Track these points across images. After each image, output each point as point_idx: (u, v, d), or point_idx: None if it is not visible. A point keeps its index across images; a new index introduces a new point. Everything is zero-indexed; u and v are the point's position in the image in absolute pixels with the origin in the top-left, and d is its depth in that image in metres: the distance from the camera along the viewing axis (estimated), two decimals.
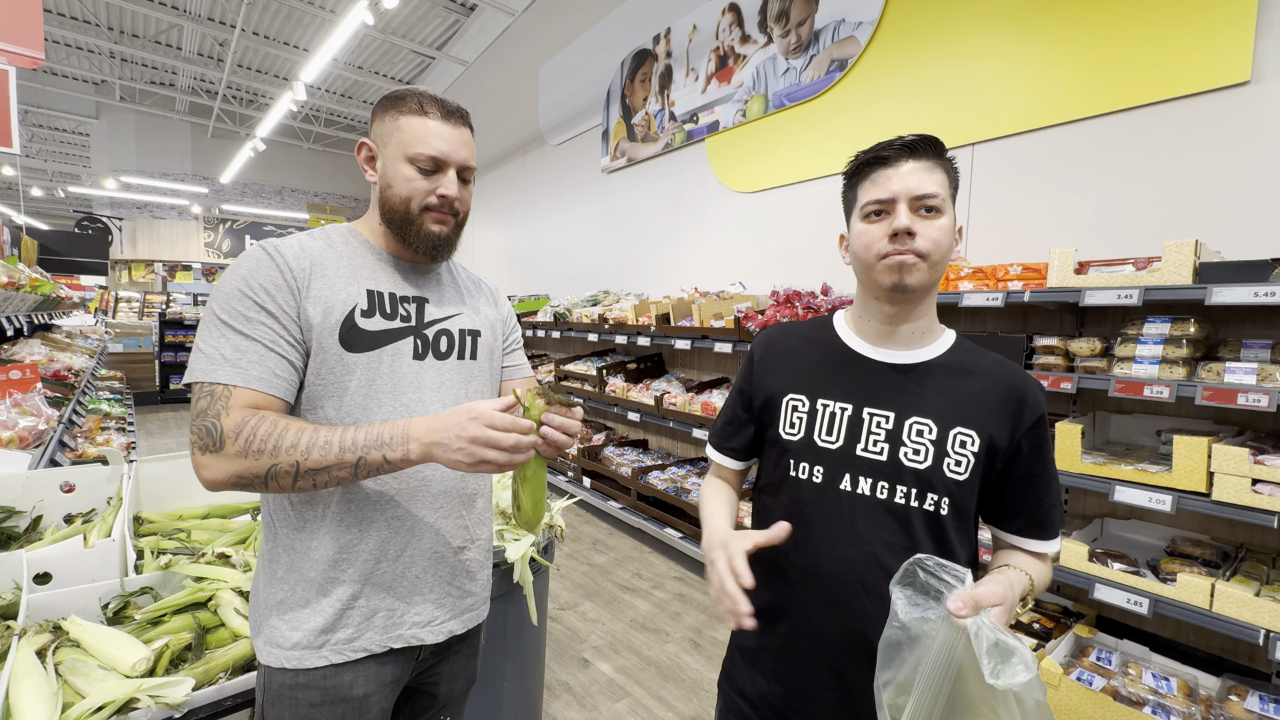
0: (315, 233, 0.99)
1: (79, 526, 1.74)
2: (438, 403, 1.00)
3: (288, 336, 0.88)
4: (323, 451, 0.80)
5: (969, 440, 0.85)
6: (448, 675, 1.10)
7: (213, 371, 0.83)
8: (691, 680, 2.40)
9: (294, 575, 0.93)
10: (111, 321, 9.30)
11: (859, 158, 0.91)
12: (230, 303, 0.86)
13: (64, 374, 3.79)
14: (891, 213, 0.85)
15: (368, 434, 0.82)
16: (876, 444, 0.87)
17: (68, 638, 1.17)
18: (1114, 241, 2.26)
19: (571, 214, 5.73)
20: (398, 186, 0.94)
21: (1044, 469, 0.89)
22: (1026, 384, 0.89)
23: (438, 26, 7.17)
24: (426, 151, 0.92)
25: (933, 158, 0.86)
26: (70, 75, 8.54)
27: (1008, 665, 0.63)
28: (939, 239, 0.85)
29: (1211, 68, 2.04)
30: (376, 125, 0.97)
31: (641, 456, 4.29)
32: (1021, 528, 0.90)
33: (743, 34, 3.82)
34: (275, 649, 0.92)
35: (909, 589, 0.72)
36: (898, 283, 0.85)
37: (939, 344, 0.92)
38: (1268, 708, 1.62)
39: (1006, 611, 0.72)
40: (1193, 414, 2.04)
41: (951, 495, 0.85)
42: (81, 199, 12.36)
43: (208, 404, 0.83)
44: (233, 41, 6.81)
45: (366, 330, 0.94)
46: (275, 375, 0.86)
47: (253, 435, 0.80)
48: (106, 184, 9.89)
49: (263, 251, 0.90)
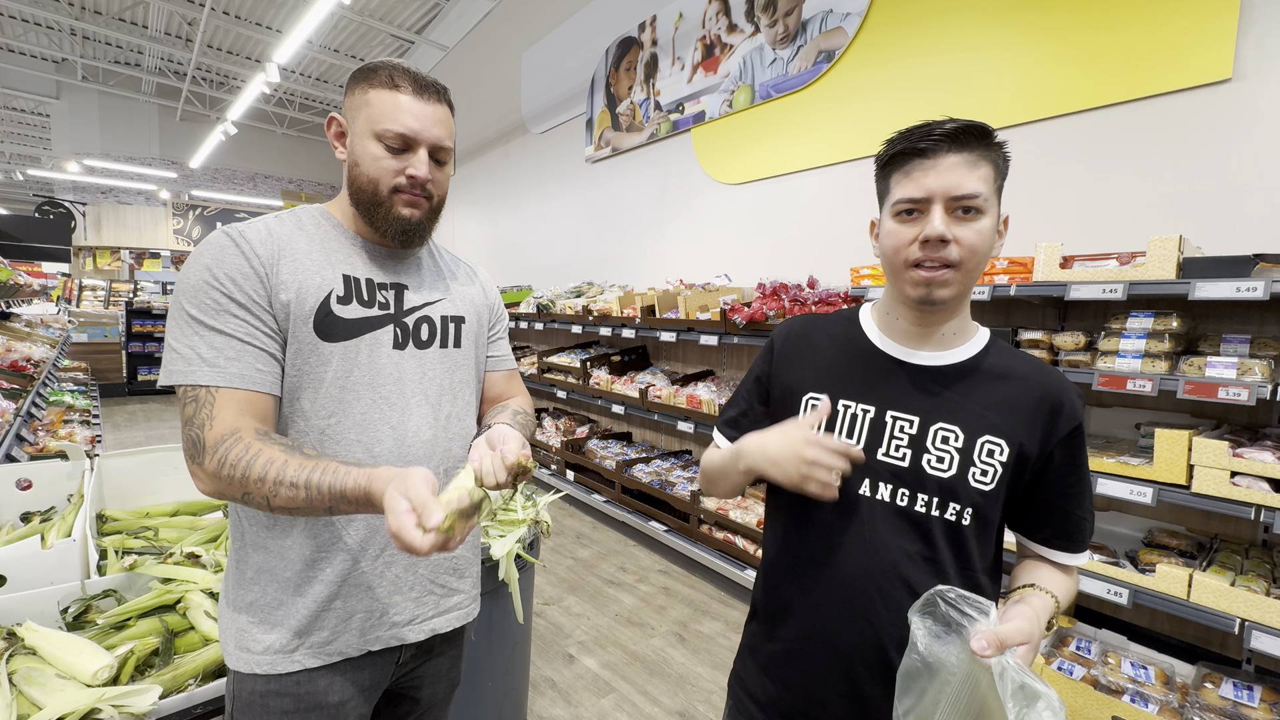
0: (284, 215, 0.93)
1: (36, 526, 1.65)
2: (419, 395, 0.95)
3: (263, 328, 0.83)
4: (291, 491, 0.75)
5: (997, 449, 0.80)
6: (430, 678, 1.06)
7: (190, 373, 0.79)
8: (677, 674, 2.39)
9: (265, 576, 0.88)
10: (75, 310, 8.97)
11: (894, 143, 0.81)
12: (198, 295, 0.81)
13: (22, 364, 3.63)
14: (925, 214, 0.77)
15: (331, 484, 0.74)
16: (899, 449, 0.83)
17: (23, 645, 1.10)
18: (1097, 237, 2.28)
19: (555, 204, 5.65)
20: (365, 165, 0.88)
21: (1078, 480, 0.84)
22: (1063, 390, 0.83)
23: (417, 9, 6.99)
24: (394, 128, 0.86)
25: (978, 149, 0.77)
26: (28, 53, 8.14)
27: (1033, 710, 0.61)
28: (976, 245, 0.77)
29: (1194, 65, 2.06)
30: (347, 99, 0.92)
31: (626, 450, 4.26)
32: (1049, 538, 0.86)
33: (730, 23, 3.77)
34: (245, 654, 0.87)
35: (929, 619, 0.69)
36: (924, 297, 0.79)
37: (970, 345, 0.86)
38: (1241, 694, 1.66)
39: (1033, 649, 0.68)
40: (1171, 407, 2.07)
41: (975, 506, 0.81)
42: (42, 182, 11.87)
43: (194, 411, 0.79)
44: (202, 20, 6.55)
45: (343, 318, 0.88)
46: (257, 370, 0.82)
47: (224, 458, 0.77)
48: (69, 167, 9.50)
49: (226, 238, 0.85)
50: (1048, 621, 0.76)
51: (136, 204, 12.50)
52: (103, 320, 8.45)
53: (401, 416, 0.93)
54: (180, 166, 10.06)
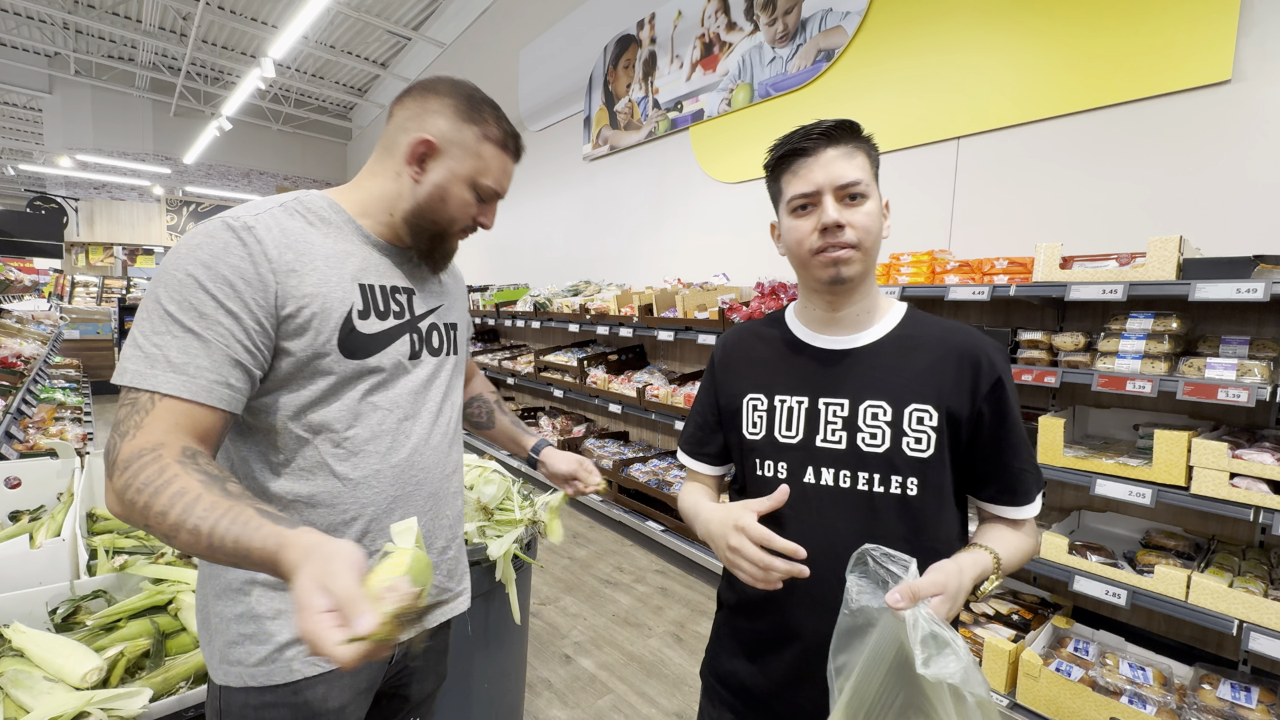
0: (289, 205, 0.84)
1: (25, 525, 1.63)
2: (429, 402, 0.95)
3: (249, 341, 0.74)
4: (191, 537, 0.63)
5: (926, 415, 0.84)
6: (419, 674, 1.05)
7: (151, 376, 0.69)
8: (675, 675, 2.38)
9: (258, 585, 0.84)
10: (67, 307, 8.89)
11: (779, 147, 0.89)
12: (183, 292, 0.72)
13: (12, 361, 3.59)
14: (818, 205, 0.84)
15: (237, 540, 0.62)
16: (835, 433, 0.87)
17: (10, 647, 1.08)
18: (1095, 237, 2.28)
19: (552, 202, 5.63)
20: (452, 206, 0.90)
21: (1009, 432, 0.86)
22: (980, 347, 0.86)
23: (414, 6, 6.94)
24: (495, 188, 0.92)
25: (852, 142, 0.85)
26: (20, 46, 8.06)
27: (940, 656, 0.64)
28: (868, 225, 0.84)
29: (1194, 66, 2.06)
30: (449, 128, 0.86)
31: (623, 449, 4.25)
32: (995, 495, 0.89)
33: (729, 21, 3.76)
34: (237, 667, 0.84)
35: (862, 578, 0.73)
36: (835, 277, 0.85)
37: (886, 321, 0.91)
38: (1239, 695, 1.66)
39: (949, 600, 0.71)
40: (1169, 408, 2.07)
41: (919, 474, 0.83)
42: (34, 177, 11.74)
43: (125, 415, 0.69)
44: (196, 15, 6.49)
45: (364, 333, 0.85)
46: (228, 387, 0.73)
47: (133, 479, 0.65)
48: (61, 162, 9.40)
49: (230, 233, 0.76)
50: (979, 578, 0.79)
51: (130, 200, 12.40)
52: (95, 317, 8.38)
53: (414, 425, 0.92)
54: (174, 162, 9.97)
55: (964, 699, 0.64)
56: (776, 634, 0.90)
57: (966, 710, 0.64)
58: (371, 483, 0.87)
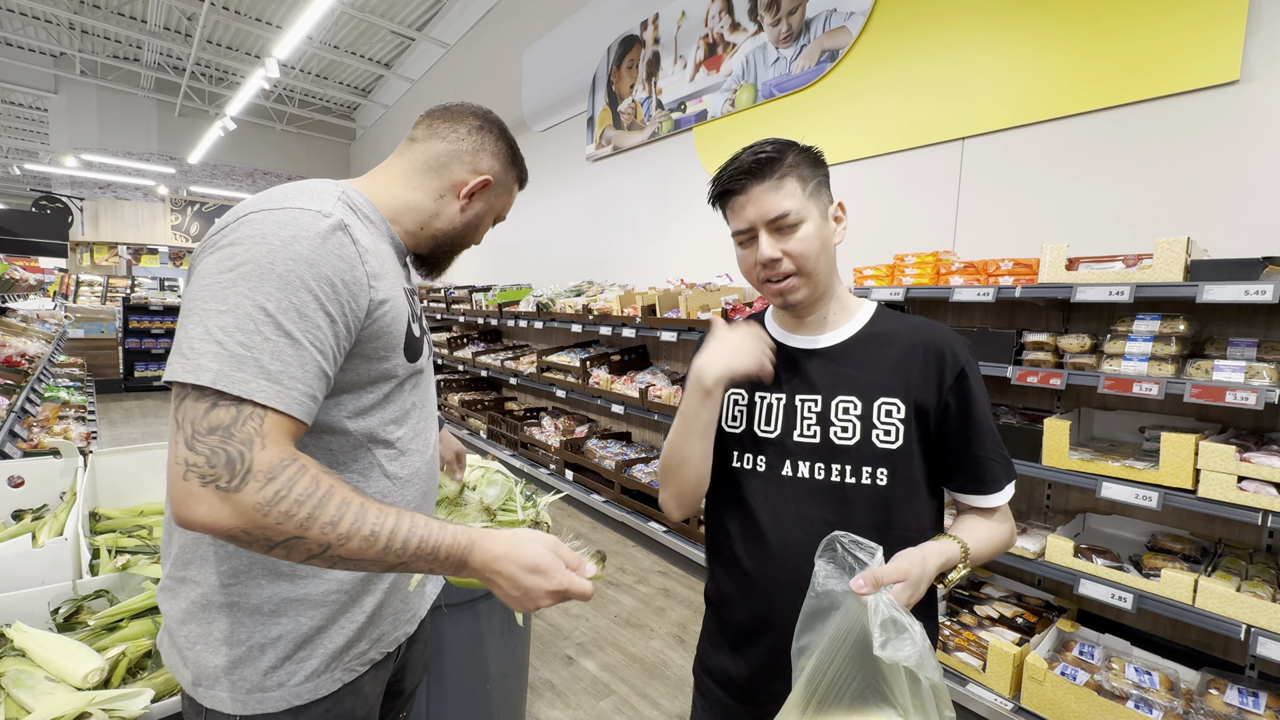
0: (333, 201, 0.75)
1: (28, 524, 1.63)
2: (432, 402, 1.00)
3: (337, 347, 0.70)
4: (364, 544, 0.63)
5: (894, 408, 0.87)
6: (411, 668, 1.06)
7: (241, 381, 0.61)
8: (677, 677, 2.37)
9: (295, 605, 0.78)
10: (72, 306, 8.93)
11: (713, 187, 0.93)
12: (284, 291, 0.64)
13: (17, 360, 3.60)
14: (756, 238, 0.88)
15: (422, 540, 0.66)
16: (810, 428, 0.91)
17: (11, 646, 1.08)
18: (1101, 238, 2.27)
19: (555, 202, 5.63)
20: (479, 233, 0.98)
21: (974, 423, 0.89)
22: (944, 341, 0.90)
23: (418, 6, 6.95)
24: (504, 216, 1.02)
25: (775, 173, 0.86)
26: (26, 46, 8.09)
27: (898, 640, 0.67)
28: (804, 250, 0.86)
29: (1201, 66, 2.04)
30: (501, 171, 0.96)
31: (625, 449, 4.24)
32: (964, 484, 0.92)
33: (732, 22, 3.75)
34: (276, 691, 0.78)
35: (830, 563, 0.76)
36: (783, 304, 0.92)
37: (855, 320, 0.95)
38: (1247, 700, 1.65)
39: (910, 587, 0.73)
40: (1175, 411, 2.06)
41: (890, 465, 0.86)
42: (39, 177, 11.79)
43: (231, 419, 0.60)
44: (201, 15, 6.51)
45: (415, 337, 0.87)
46: (314, 400, 0.68)
47: (288, 489, 0.60)
48: (66, 162, 9.45)
49: (332, 228, 0.69)
50: (943, 566, 0.81)
51: (134, 199, 12.44)
52: (99, 316, 8.41)
53: (430, 424, 0.97)
54: (179, 162, 10.01)
55: (919, 682, 0.67)
56: (754, 624, 0.93)
57: (921, 693, 0.67)
58: (413, 481, 0.90)
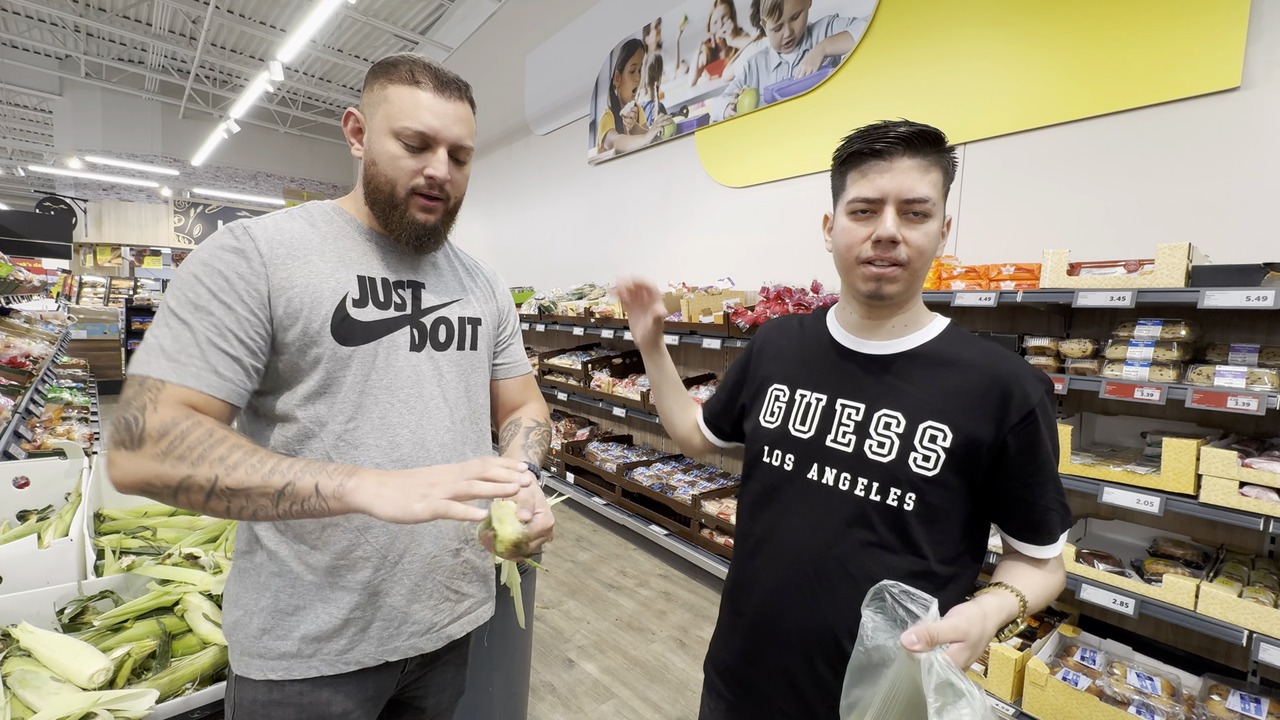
0: (294, 211, 0.90)
1: (33, 525, 1.64)
2: (438, 396, 0.94)
3: (241, 331, 0.78)
4: (248, 471, 0.70)
5: (940, 435, 0.81)
6: (435, 687, 1.03)
7: (146, 364, 0.74)
8: (678, 680, 2.37)
9: (283, 580, 0.86)
10: (75, 307, 8.95)
11: (851, 142, 0.85)
12: (183, 289, 0.78)
13: (21, 361, 3.61)
14: (878, 213, 0.81)
15: (308, 464, 0.72)
16: (845, 435, 0.87)
17: (18, 646, 1.09)
18: (1103, 244, 2.27)
19: (557, 205, 5.64)
20: (382, 164, 0.85)
21: (1037, 469, 0.82)
22: (1016, 378, 0.81)
23: (421, 10, 6.98)
24: (414, 126, 0.83)
25: (931, 154, 0.81)
26: (32, 49, 8.13)
27: (954, 707, 0.62)
28: (924, 246, 0.81)
29: (1203, 73, 2.05)
30: (366, 94, 0.88)
31: (626, 452, 4.25)
32: (1017, 530, 0.86)
33: (735, 26, 3.77)
34: (258, 659, 0.85)
35: (879, 614, 0.71)
36: (875, 292, 0.84)
37: (922, 334, 0.89)
38: (1249, 707, 1.65)
39: (969, 649, 0.67)
40: (1177, 416, 2.06)
41: (919, 491, 0.81)
42: (44, 179, 11.83)
43: (134, 393, 0.73)
44: (206, 19, 6.54)
45: (360, 321, 0.86)
46: (216, 374, 0.76)
47: (180, 439, 0.70)
48: (70, 164, 9.47)
49: (229, 234, 0.82)
50: (1004, 622, 0.76)
51: (138, 201, 12.47)
52: (102, 317, 8.43)
53: (420, 420, 0.91)
54: (182, 164, 10.04)
55: None
56: (763, 616, 0.92)
57: None
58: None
